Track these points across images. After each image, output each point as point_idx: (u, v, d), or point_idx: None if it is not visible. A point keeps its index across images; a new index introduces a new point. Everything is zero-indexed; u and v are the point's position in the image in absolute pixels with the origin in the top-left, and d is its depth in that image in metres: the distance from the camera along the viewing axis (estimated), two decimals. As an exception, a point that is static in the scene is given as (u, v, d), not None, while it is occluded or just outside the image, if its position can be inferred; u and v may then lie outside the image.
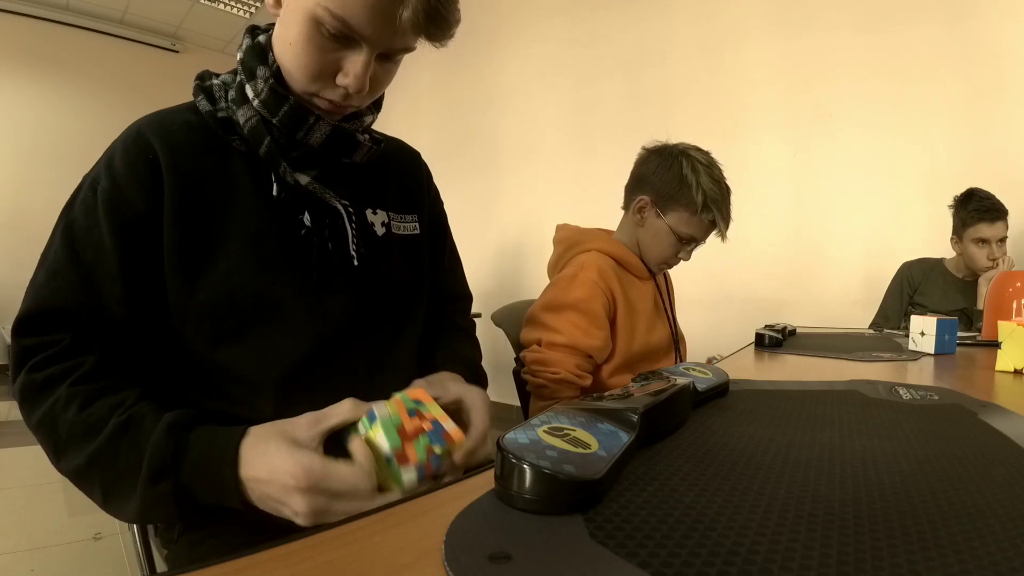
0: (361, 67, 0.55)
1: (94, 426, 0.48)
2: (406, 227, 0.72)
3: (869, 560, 0.23)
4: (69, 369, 0.50)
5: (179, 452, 0.46)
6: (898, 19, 2.07)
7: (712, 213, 1.07)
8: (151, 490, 0.46)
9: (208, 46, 4.80)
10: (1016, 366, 0.79)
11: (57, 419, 0.49)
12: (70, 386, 0.50)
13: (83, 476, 0.49)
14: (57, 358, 0.51)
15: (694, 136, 1.19)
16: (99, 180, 0.55)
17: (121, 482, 0.47)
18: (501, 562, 0.23)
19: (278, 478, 0.43)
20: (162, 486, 0.46)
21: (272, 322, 0.58)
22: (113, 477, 0.47)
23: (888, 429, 0.46)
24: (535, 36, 3.25)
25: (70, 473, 0.49)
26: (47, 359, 0.51)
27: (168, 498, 0.46)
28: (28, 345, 0.52)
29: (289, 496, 0.43)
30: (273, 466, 0.44)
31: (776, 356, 1.00)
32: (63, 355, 0.51)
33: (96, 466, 0.48)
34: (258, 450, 0.46)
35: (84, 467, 0.48)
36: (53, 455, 0.50)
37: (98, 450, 0.47)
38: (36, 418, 0.50)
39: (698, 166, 1.08)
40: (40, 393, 0.50)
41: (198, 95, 0.61)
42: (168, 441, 0.47)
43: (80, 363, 0.51)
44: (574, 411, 0.37)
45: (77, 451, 0.48)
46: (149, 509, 0.47)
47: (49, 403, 0.49)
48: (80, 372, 0.51)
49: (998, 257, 1.67)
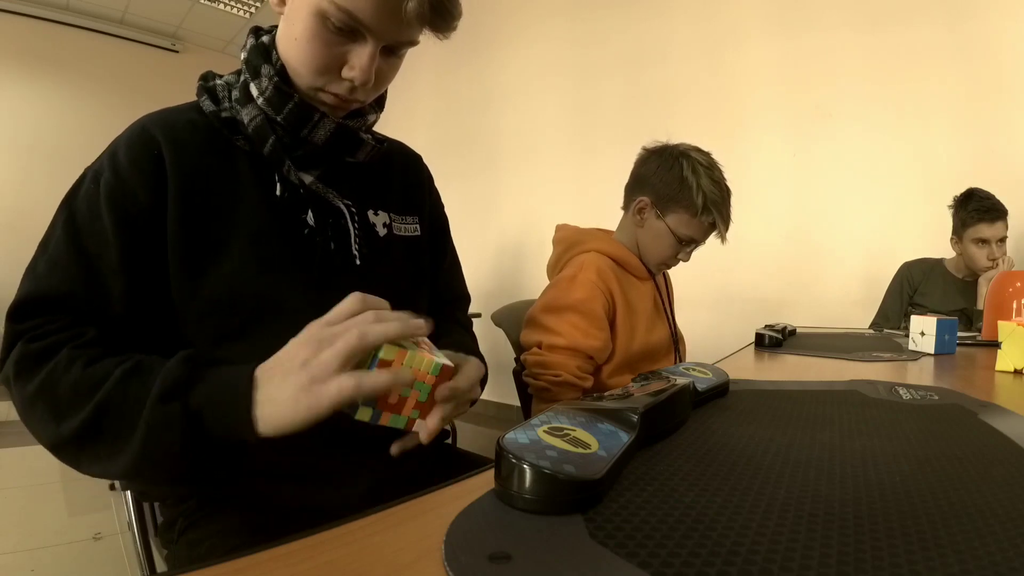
0: (367, 59, 0.55)
1: (100, 379, 0.46)
2: (407, 228, 0.72)
3: (869, 560, 0.23)
4: (72, 336, 0.49)
5: (193, 377, 0.45)
6: (898, 19, 2.07)
7: (712, 215, 1.07)
8: (159, 409, 0.43)
9: (208, 46, 4.80)
10: (1016, 366, 0.79)
11: (59, 381, 0.46)
12: (72, 349, 0.48)
13: (86, 433, 0.45)
14: (56, 331, 0.49)
15: (694, 136, 1.19)
16: (102, 172, 0.55)
17: (126, 420, 0.44)
18: (501, 562, 0.23)
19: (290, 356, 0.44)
20: (172, 406, 0.43)
21: (275, 321, 0.58)
22: (118, 421, 0.45)
23: (888, 429, 0.46)
24: (535, 36, 3.25)
25: (72, 436, 0.46)
26: (45, 332, 0.49)
27: (176, 421, 0.43)
28: (23, 328, 0.50)
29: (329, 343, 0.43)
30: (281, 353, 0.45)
31: (776, 356, 1.00)
32: (63, 328, 0.50)
33: (102, 414, 0.45)
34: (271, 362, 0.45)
35: (88, 420, 0.45)
36: (52, 421, 0.46)
37: (105, 396, 0.45)
38: (34, 386, 0.47)
39: (699, 167, 1.07)
40: (39, 361, 0.48)
41: (202, 95, 0.61)
42: (183, 367, 0.45)
43: (83, 331, 0.50)
44: (574, 411, 0.37)
45: (79, 408, 0.45)
46: (150, 438, 0.43)
47: (48, 368, 0.47)
48: (83, 339, 0.49)
49: (998, 257, 1.67)
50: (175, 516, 0.60)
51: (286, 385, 0.43)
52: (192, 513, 0.58)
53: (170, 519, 0.61)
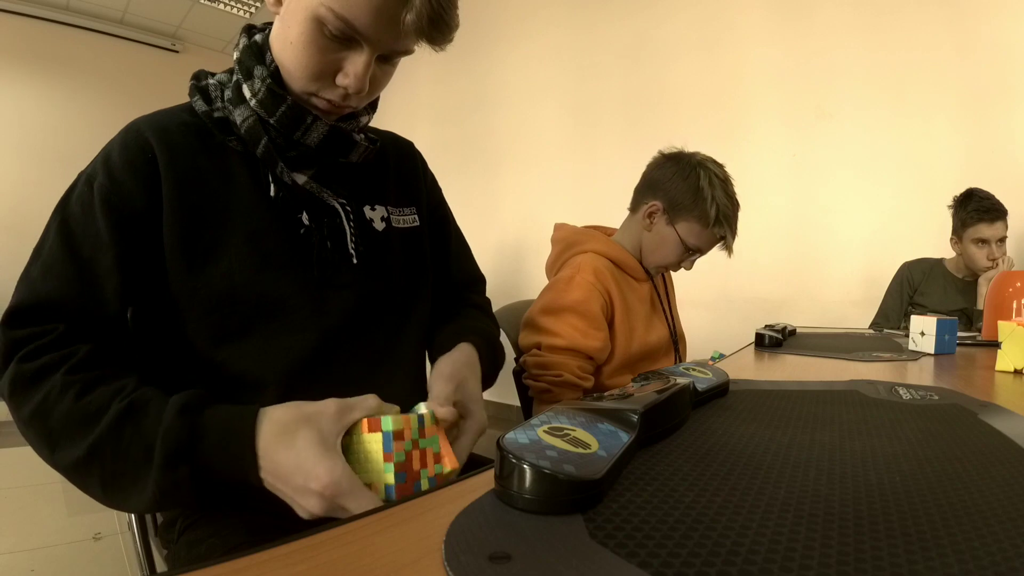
0: (362, 68, 0.55)
1: (94, 415, 0.46)
2: (405, 220, 0.72)
3: (869, 560, 0.23)
4: (64, 357, 0.48)
5: (195, 434, 0.45)
6: (898, 19, 2.07)
7: (723, 228, 1.08)
8: (169, 475, 0.44)
9: (208, 46, 4.80)
10: (1016, 366, 0.79)
11: (51, 410, 0.46)
12: (65, 374, 0.47)
13: (81, 469, 0.46)
14: (50, 347, 0.49)
15: (694, 136, 1.20)
16: (95, 176, 0.55)
17: (125, 471, 0.45)
18: (501, 562, 0.23)
19: (300, 480, 0.42)
20: (181, 470, 0.44)
21: (275, 319, 0.58)
22: (116, 467, 0.45)
23: (888, 429, 0.46)
24: (535, 36, 3.25)
25: (67, 467, 0.47)
26: (39, 348, 0.49)
27: (186, 482, 0.44)
28: (19, 336, 0.50)
29: (306, 497, 0.42)
30: (300, 463, 0.42)
31: (776, 356, 1.00)
32: (56, 344, 0.49)
33: (97, 457, 0.45)
34: (284, 440, 0.44)
35: (83, 458, 0.45)
36: (47, 448, 0.47)
37: (99, 439, 0.45)
38: (28, 411, 0.47)
39: (715, 180, 1.08)
40: (32, 385, 0.48)
41: (194, 95, 0.61)
42: (183, 424, 0.45)
43: (75, 351, 0.49)
44: (574, 411, 0.37)
45: (74, 442, 0.46)
46: (165, 496, 0.44)
47: (42, 394, 0.47)
48: (75, 360, 0.49)
49: (998, 257, 1.67)
50: (175, 516, 0.60)
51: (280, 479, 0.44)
52: (192, 513, 0.59)
53: (170, 519, 0.61)
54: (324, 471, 0.42)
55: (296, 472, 0.43)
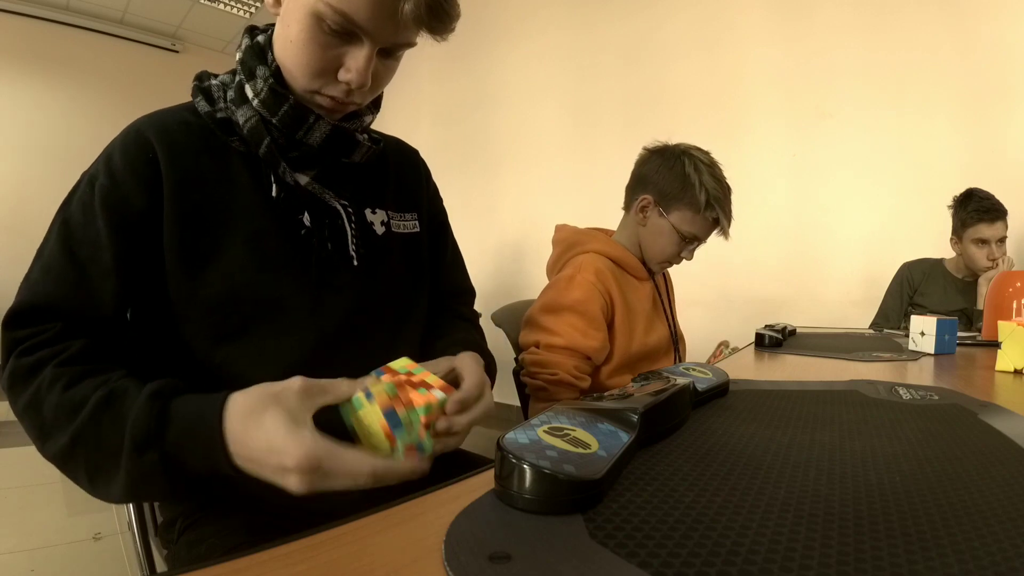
0: (363, 61, 0.55)
1: (78, 404, 0.46)
2: (406, 225, 0.72)
3: (869, 560, 0.23)
4: (57, 352, 0.49)
5: (162, 419, 0.44)
6: (898, 19, 2.07)
7: (715, 211, 1.08)
8: (137, 461, 0.43)
9: (208, 46, 4.80)
10: (1016, 366, 0.79)
11: (42, 402, 0.47)
12: (55, 367, 0.48)
13: (67, 458, 0.46)
14: (46, 344, 0.50)
15: (694, 136, 1.20)
16: (97, 177, 0.55)
17: (105, 460, 0.45)
18: (501, 562, 0.23)
19: (275, 460, 0.41)
20: (148, 456, 0.43)
21: (274, 320, 0.58)
22: (97, 455, 0.45)
23: (888, 429, 0.46)
24: (535, 36, 3.25)
25: (55, 457, 0.47)
26: (36, 345, 0.50)
27: (156, 469, 0.43)
28: (19, 336, 0.50)
29: (285, 476, 0.41)
30: (270, 443, 0.41)
31: (776, 356, 1.00)
32: (52, 340, 0.50)
33: (80, 445, 0.45)
34: (252, 421, 0.43)
35: (68, 447, 0.46)
36: (39, 439, 0.48)
37: (80, 427, 0.45)
38: (22, 403, 0.48)
39: (700, 165, 1.09)
40: (26, 378, 0.48)
41: (196, 96, 0.61)
42: (151, 410, 0.44)
43: (68, 346, 0.50)
44: (574, 411, 0.37)
45: (61, 432, 0.46)
46: (137, 484, 0.44)
47: (35, 386, 0.48)
48: (67, 354, 0.49)
49: (998, 257, 1.67)
50: (175, 516, 0.60)
51: (255, 463, 0.43)
52: (192, 513, 0.59)
53: (170, 519, 0.61)
54: (294, 446, 0.40)
55: (269, 452, 0.42)
